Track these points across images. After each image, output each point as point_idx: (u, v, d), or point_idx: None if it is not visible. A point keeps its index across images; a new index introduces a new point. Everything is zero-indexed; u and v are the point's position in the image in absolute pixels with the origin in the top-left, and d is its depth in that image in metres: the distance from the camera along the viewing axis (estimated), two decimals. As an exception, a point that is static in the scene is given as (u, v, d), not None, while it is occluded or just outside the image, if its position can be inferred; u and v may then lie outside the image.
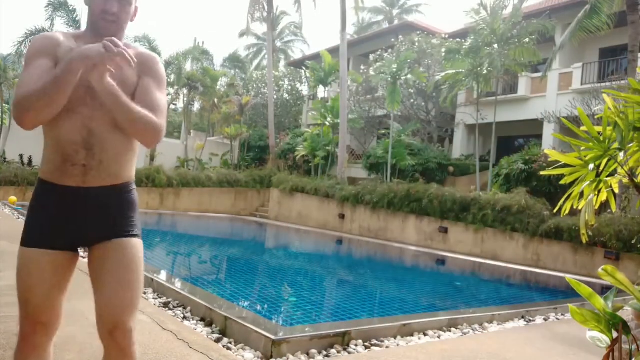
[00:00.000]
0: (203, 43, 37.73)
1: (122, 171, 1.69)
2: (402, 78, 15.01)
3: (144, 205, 15.33)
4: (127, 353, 1.67)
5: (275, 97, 23.48)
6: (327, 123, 17.26)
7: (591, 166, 1.94)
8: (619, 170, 1.98)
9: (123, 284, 1.64)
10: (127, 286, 1.65)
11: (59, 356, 2.61)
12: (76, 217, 1.63)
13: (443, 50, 15.01)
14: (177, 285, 4.61)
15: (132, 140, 1.68)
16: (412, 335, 3.73)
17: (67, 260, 1.67)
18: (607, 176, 2.02)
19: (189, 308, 3.88)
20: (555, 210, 2.35)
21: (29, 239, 1.66)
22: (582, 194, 2.06)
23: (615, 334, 1.63)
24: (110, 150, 1.62)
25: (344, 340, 3.31)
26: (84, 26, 1.83)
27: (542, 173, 2.31)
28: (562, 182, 2.22)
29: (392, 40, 19.58)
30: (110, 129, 1.60)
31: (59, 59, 1.57)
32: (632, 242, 8.01)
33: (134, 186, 1.76)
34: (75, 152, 1.57)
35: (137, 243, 1.70)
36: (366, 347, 3.32)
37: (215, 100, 22.22)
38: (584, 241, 2.25)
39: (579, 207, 2.11)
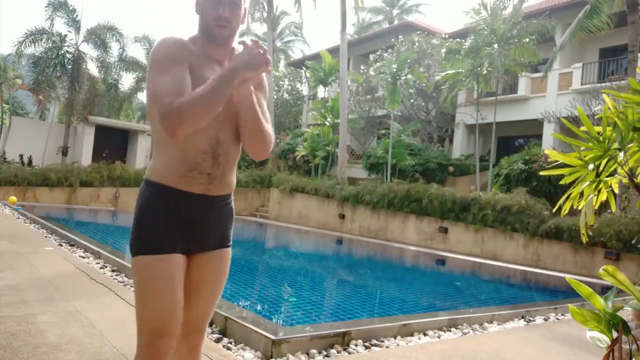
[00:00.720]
0: (203, 43, 37.69)
1: (233, 181, 1.72)
2: (402, 78, 15.01)
3: (144, 205, 15.33)
4: (199, 350, 1.74)
5: (275, 97, 23.48)
6: (327, 123, 17.26)
7: (591, 166, 1.94)
8: (619, 170, 1.98)
9: (215, 293, 1.71)
10: (216, 296, 1.72)
11: (59, 356, 2.61)
12: (195, 223, 1.63)
13: (443, 50, 15.02)
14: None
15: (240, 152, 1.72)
16: (412, 335, 3.73)
17: (184, 265, 1.64)
18: (607, 176, 2.02)
19: (189, 308, 3.88)
20: (555, 210, 2.35)
21: (154, 245, 1.57)
22: (582, 194, 2.06)
23: (615, 334, 1.63)
24: (230, 161, 1.66)
25: (344, 340, 3.31)
26: (84, 26, 1.83)
27: (542, 173, 2.31)
28: (562, 182, 2.22)
29: (392, 40, 19.57)
30: (233, 139, 1.65)
31: (192, 67, 1.58)
32: (632, 242, 8.01)
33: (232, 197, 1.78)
34: (204, 161, 1.59)
35: (230, 254, 1.76)
36: (366, 347, 3.32)
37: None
38: (584, 241, 2.25)
39: (579, 207, 2.11)
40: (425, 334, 3.79)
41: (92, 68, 19.83)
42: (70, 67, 18.45)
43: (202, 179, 1.59)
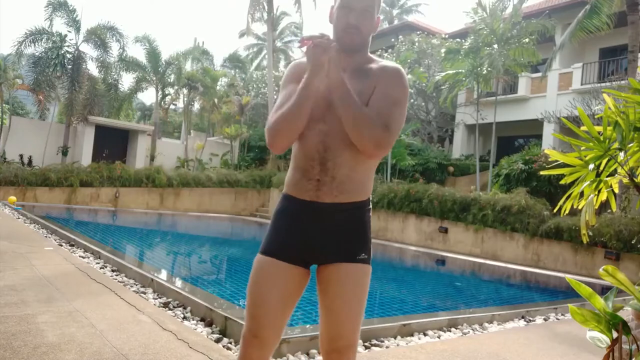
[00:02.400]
0: (203, 43, 37.71)
1: (356, 189, 1.63)
2: (402, 78, 14.99)
3: (143, 205, 15.34)
4: None
5: (275, 97, 23.47)
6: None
7: (591, 166, 1.94)
8: (619, 170, 1.98)
9: (345, 311, 1.60)
10: (348, 315, 1.60)
11: (59, 356, 2.61)
12: (308, 231, 1.61)
13: (443, 50, 15.02)
14: (177, 285, 4.61)
15: (368, 160, 1.64)
16: (412, 335, 3.72)
17: (298, 276, 1.63)
18: (607, 176, 2.02)
19: (189, 308, 3.88)
20: (555, 210, 2.35)
21: (267, 247, 1.65)
22: (582, 194, 2.06)
23: (615, 334, 1.63)
24: (343, 167, 1.59)
25: (344, 340, 3.31)
26: (84, 26, 1.86)
27: (542, 173, 2.31)
28: (562, 182, 2.22)
29: (392, 40, 19.58)
30: (345, 145, 1.58)
31: None
32: (632, 242, 8.01)
33: (369, 206, 1.69)
34: (312, 167, 1.60)
35: (364, 269, 1.63)
36: (366, 347, 3.32)
37: (215, 100, 22.22)
38: (585, 241, 2.25)
39: (579, 207, 2.11)
40: (425, 334, 3.79)
41: (92, 68, 19.90)
42: (70, 67, 18.44)
43: (310, 184, 1.60)
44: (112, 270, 5.28)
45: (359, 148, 1.56)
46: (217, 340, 3.18)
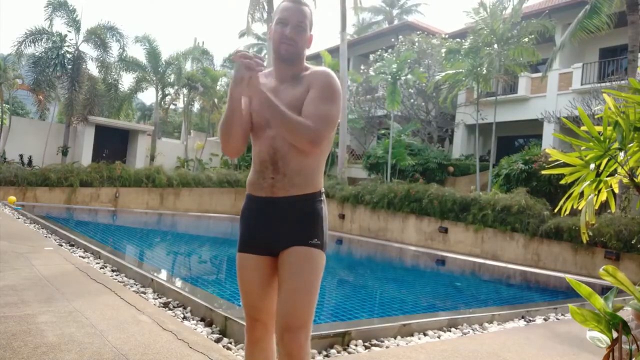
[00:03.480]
0: (203, 43, 37.75)
1: (305, 182, 1.81)
2: (402, 78, 15.01)
3: (143, 205, 15.33)
4: (295, 355, 1.71)
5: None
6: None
7: (592, 166, 1.94)
8: (619, 170, 1.98)
9: (295, 291, 1.76)
10: (298, 293, 1.76)
11: (59, 356, 2.61)
12: (267, 224, 1.82)
13: (443, 50, 15.02)
14: (177, 285, 4.61)
15: (311, 154, 1.81)
16: (412, 335, 3.72)
17: (270, 264, 1.85)
18: (608, 176, 2.02)
19: (189, 308, 3.88)
20: (555, 210, 2.35)
21: (240, 244, 1.90)
22: (582, 194, 2.06)
23: (615, 334, 1.63)
24: (291, 164, 1.79)
25: (344, 341, 3.31)
26: (84, 26, 1.92)
27: (543, 172, 2.31)
28: (562, 181, 2.22)
29: (392, 40, 19.59)
30: (290, 145, 1.77)
31: None
32: (632, 242, 8.01)
33: (321, 197, 1.88)
34: (266, 169, 1.81)
35: (316, 253, 1.80)
36: (366, 347, 3.32)
37: (215, 100, 22.21)
38: (585, 241, 2.25)
39: (579, 207, 2.11)
40: (425, 334, 3.79)
41: (92, 68, 19.87)
42: (70, 67, 18.43)
43: (265, 183, 1.81)
44: (112, 270, 5.28)
45: (298, 147, 1.76)
46: (217, 340, 3.18)
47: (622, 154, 1.93)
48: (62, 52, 18.39)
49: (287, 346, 1.70)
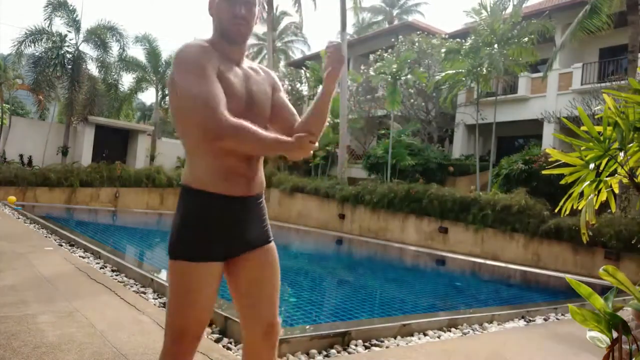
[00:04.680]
0: (203, 43, 37.59)
1: (263, 179, 1.79)
2: (402, 78, 15.01)
3: (144, 205, 15.34)
4: (275, 347, 1.75)
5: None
6: (327, 123, 17.22)
7: (592, 166, 1.94)
8: (619, 170, 1.98)
9: (275, 286, 1.75)
10: (276, 288, 1.76)
11: (59, 356, 2.61)
12: (237, 225, 1.67)
13: (443, 50, 15.01)
14: (177, 285, 4.60)
15: None
16: (412, 335, 3.72)
17: (221, 271, 1.70)
18: (607, 176, 2.02)
19: (189, 308, 3.87)
20: (555, 211, 2.35)
21: (194, 253, 1.62)
22: (582, 194, 2.06)
23: (615, 334, 1.63)
24: (258, 160, 1.73)
25: (344, 341, 3.31)
26: (84, 26, 1.87)
27: (543, 172, 2.31)
28: (562, 182, 2.22)
29: (392, 40, 19.58)
30: None
31: (220, 72, 1.60)
32: (632, 242, 8.01)
33: None
34: (239, 165, 1.63)
35: (275, 248, 1.79)
36: (366, 347, 3.32)
37: (215, 100, 22.19)
38: (585, 241, 2.25)
39: (579, 207, 2.11)
40: (425, 334, 3.79)
41: (92, 68, 19.82)
42: (70, 67, 18.43)
43: (241, 180, 1.65)
44: (112, 270, 5.28)
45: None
46: (217, 340, 3.18)
47: (621, 154, 1.93)
48: (62, 52, 18.39)
49: (272, 338, 1.72)
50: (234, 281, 1.74)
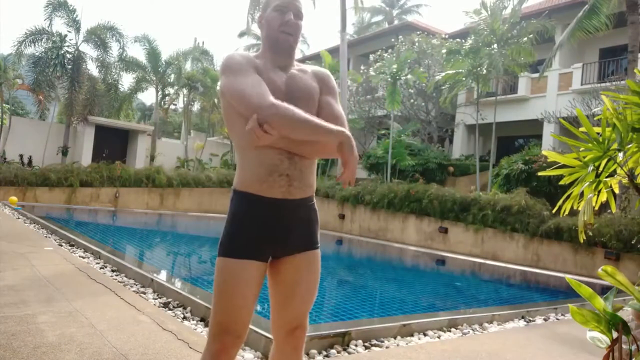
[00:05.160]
0: (203, 43, 37.75)
1: (314, 182, 1.75)
2: (402, 78, 15.01)
3: (144, 206, 15.34)
4: (298, 348, 1.77)
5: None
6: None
7: (590, 167, 1.94)
8: (619, 170, 1.98)
9: (310, 292, 1.76)
10: (312, 294, 1.77)
11: (59, 356, 2.61)
12: (280, 228, 1.67)
13: (443, 50, 15.02)
14: (177, 285, 4.61)
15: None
16: (412, 335, 3.72)
17: (263, 271, 1.71)
18: (607, 177, 2.02)
19: (189, 308, 3.88)
20: (554, 211, 2.35)
21: (235, 250, 1.65)
22: (582, 195, 2.06)
23: (615, 334, 1.63)
24: (306, 159, 1.67)
25: (344, 341, 3.31)
26: (84, 26, 1.87)
27: (540, 174, 2.31)
28: (561, 182, 2.22)
29: (392, 40, 19.59)
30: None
31: (259, 72, 1.65)
32: (632, 242, 8.01)
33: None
34: (281, 162, 1.62)
35: (319, 255, 1.79)
36: (366, 348, 3.32)
37: (215, 100, 22.21)
38: (582, 241, 2.25)
39: (579, 208, 2.11)
40: (425, 334, 3.79)
41: (92, 68, 19.86)
42: (70, 67, 18.43)
43: (282, 181, 1.63)
44: (112, 271, 5.28)
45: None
46: (217, 341, 3.18)
47: (621, 154, 1.93)
48: (62, 52, 18.40)
49: (297, 340, 1.74)
50: (272, 280, 1.76)
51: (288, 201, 1.65)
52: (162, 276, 5.14)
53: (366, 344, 3.37)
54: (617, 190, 2.14)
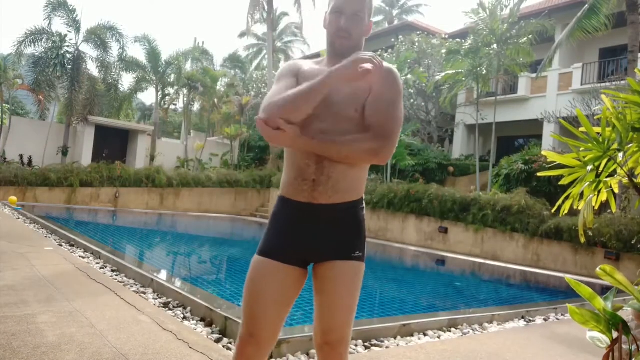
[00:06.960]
0: (203, 43, 37.71)
1: (350, 188, 1.66)
2: (402, 78, 15.00)
3: (144, 206, 15.34)
4: (331, 357, 1.68)
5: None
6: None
7: (589, 167, 1.94)
8: (619, 170, 1.98)
9: (337, 306, 1.65)
10: (340, 308, 1.65)
11: (59, 356, 2.61)
12: (304, 232, 1.65)
13: (443, 50, 15.02)
14: (177, 285, 4.61)
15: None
16: (412, 335, 3.73)
17: (295, 276, 1.66)
18: (607, 177, 2.02)
19: (189, 308, 3.88)
20: (553, 211, 2.35)
21: (265, 249, 1.67)
22: (582, 195, 2.06)
23: (615, 334, 1.63)
24: (339, 165, 1.60)
25: (343, 341, 3.31)
26: (84, 26, 1.86)
27: (539, 174, 2.31)
28: (561, 182, 2.22)
29: (392, 40, 19.59)
30: None
31: (300, 80, 1.66)
32: (632, 242, 8.01)
33: (362, 204, 1.73)
34: (307, 166, 1.61)
35: (358, 266, 1.68)
36: (366, 348, 3.32)
37: (215, 100, 22.22)
38: (582, 241, 2.25)
39: (579, 208, 2.11)
40: (425, 334, 3.79)
41: (92, 68, 19.85)
42: (70, 67, 18.43)
43: (305, 185, 1.61)
44: (112, 270, 5.28)
45: (359, 165, 1.64)
46: (217, 341, 3.18)
47: (620, 154, 1.93)
48: (62, 52, 18.39)
49: (327, 356, 1.67)
50: (314, 284, 1.71)
51: (313, 206, 1.62)
52: (162, 276, 5.13)
53: (366, 344, 3.37)
54: (617, 190, 2.14)
